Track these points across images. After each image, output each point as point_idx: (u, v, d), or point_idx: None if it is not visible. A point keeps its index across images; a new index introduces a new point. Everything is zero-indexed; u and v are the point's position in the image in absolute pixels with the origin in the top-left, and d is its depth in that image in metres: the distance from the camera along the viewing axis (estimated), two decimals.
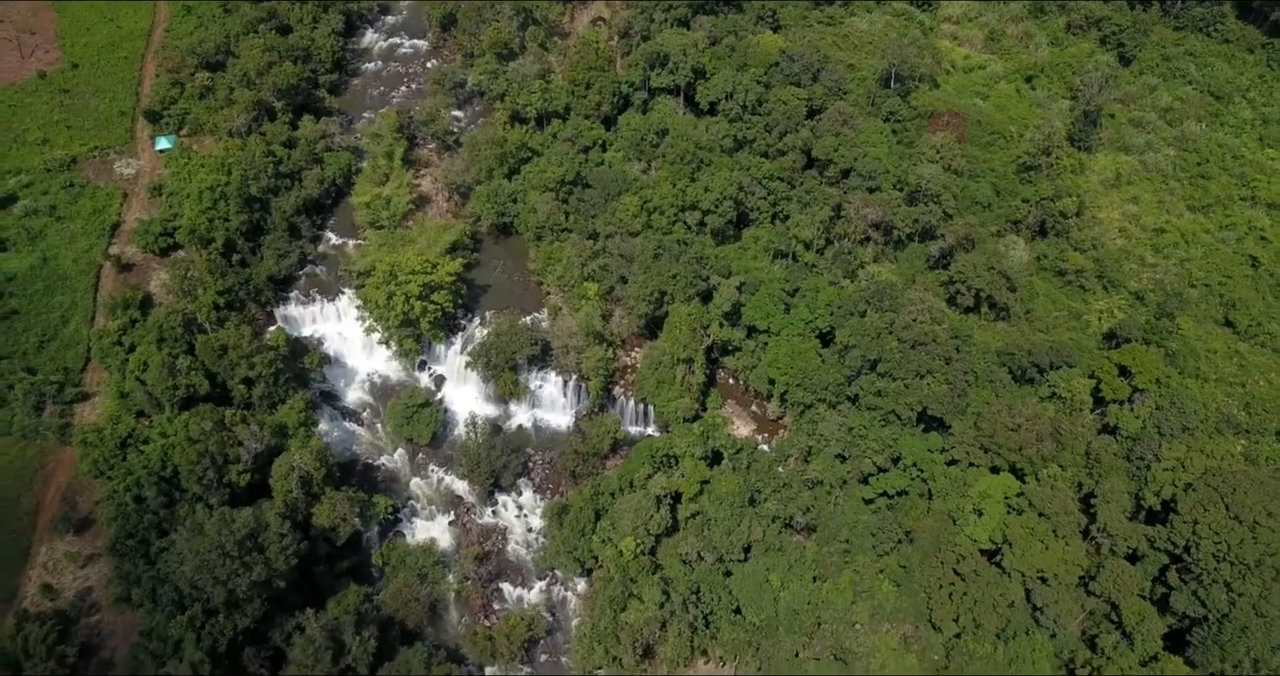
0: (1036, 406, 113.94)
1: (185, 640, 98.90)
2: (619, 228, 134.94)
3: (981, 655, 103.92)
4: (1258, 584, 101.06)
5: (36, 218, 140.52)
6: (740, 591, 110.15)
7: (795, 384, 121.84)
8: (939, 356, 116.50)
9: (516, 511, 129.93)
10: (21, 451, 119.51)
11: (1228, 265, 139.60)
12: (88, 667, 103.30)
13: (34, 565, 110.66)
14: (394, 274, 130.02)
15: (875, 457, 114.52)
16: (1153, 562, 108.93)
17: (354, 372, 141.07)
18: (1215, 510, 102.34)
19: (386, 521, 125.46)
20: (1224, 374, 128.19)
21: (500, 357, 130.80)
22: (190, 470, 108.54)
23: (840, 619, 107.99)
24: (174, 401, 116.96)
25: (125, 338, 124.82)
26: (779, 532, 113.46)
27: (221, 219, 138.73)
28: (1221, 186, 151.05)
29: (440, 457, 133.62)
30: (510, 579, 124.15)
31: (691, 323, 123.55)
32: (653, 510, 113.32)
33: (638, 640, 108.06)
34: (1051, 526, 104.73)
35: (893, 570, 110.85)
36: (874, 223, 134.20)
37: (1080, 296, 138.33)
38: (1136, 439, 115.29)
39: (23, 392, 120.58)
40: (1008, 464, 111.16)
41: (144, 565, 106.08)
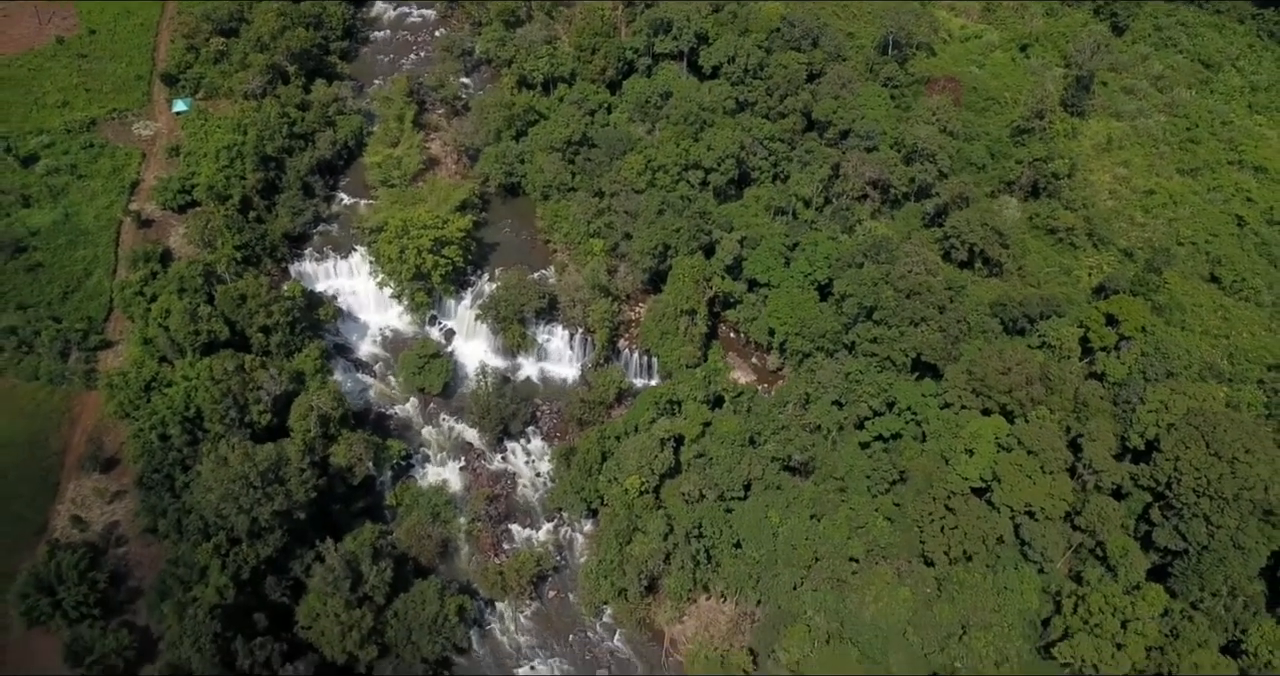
0: (1026, 352, 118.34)
1: (210, 567, 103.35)
2: (624, 186, 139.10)
3: (971, 584, 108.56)
4: (1235, 517, 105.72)
5: (58, 176, 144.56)
6: (740, 527, 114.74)
7: (794, 333, 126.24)
8: (933, 305, 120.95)
9: (525, 457, 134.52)
10: (49, 395, 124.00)
11: (1214, 224, 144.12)
12: (117, 594, 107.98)
13: (63, 500, 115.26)
14: (406, 229, 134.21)
15: (871, 402, 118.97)
16: (1137, 500, 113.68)
17: (366, 327, 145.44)
18: (1196, 447, 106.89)
19: (399, 466, 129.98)
20: (1209, 326, 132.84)
21: (509, 310, 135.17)
22: (213, 409, 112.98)
23: (837, 553, 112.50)
24: (195, 347, 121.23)
25: (147, 288, 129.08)
26: (778, 472, 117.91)
27: (238, 177, 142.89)
28: (1210, 150, 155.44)
29: (451, 407, 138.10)
30: (519, 520, 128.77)
31: (694, 275, 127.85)
32: (657, 450, 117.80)
33: (642, 572, 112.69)
34: (1039, 463, 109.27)
35: (887, 508, 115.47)
36: (871, 181, 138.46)
37: (1071, 253, 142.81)
38: (1122, 384, 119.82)
39: (49, 339, 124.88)
40: (998, 406, 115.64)
41: (170, 498, 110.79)
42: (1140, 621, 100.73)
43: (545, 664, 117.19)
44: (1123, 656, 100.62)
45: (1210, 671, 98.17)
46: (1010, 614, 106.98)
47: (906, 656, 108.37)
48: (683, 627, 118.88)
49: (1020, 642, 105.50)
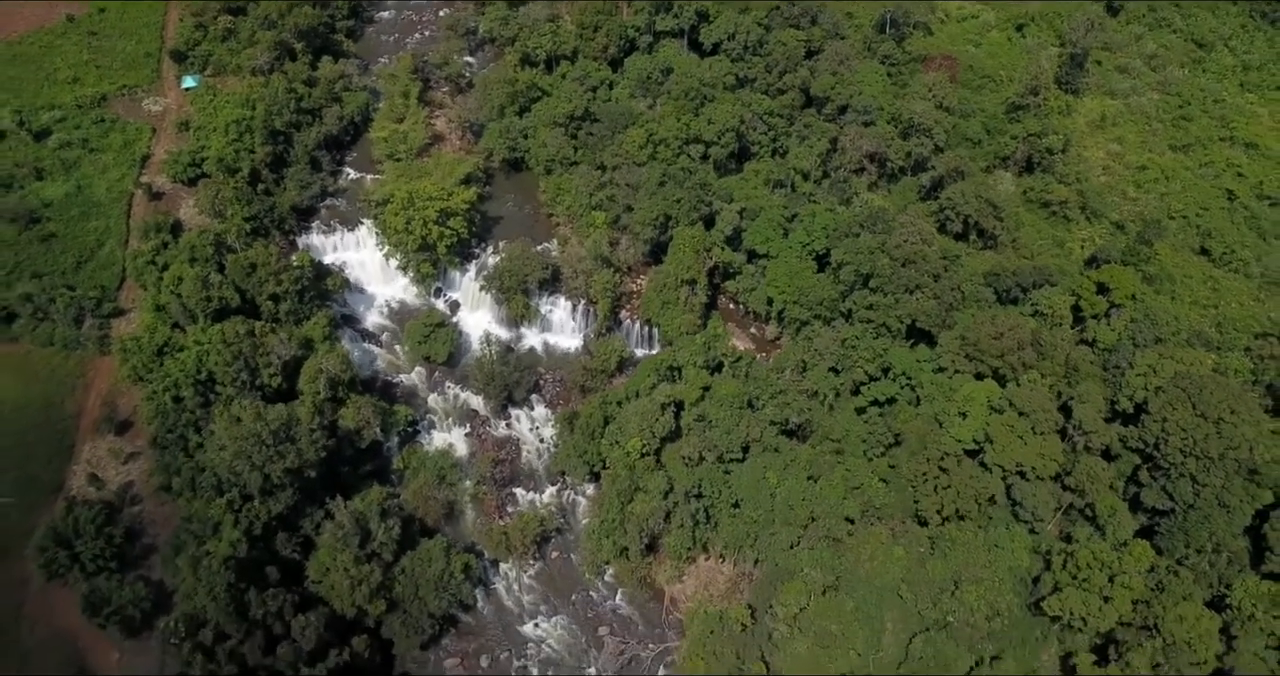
0: (1018, 318, 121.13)
1: (224, 522, 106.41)
2: (626, 159, 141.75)
3: (963, 541, 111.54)
4: (1220, 476, 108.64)
5: (70, 150, 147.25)
6: (739, 487, 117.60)
7: (792, 301, 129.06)
8: (928, 273, 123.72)
9: (529, 424, 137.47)
10: (64, 361, 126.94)
11: (1205, 198, 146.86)
12: (133, 550, 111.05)
13: (78, 461, 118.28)
14: (412, 200, 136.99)
15: (866, 367, 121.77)
16: (1126, 462, 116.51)
17: (373, 298, 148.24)
18: (1183, 408, 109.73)
19: (405, 432, 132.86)
20: (1198, 296, 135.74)
21: (513, 281, 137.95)
22: (225, 371, 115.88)
23: (832, 514, 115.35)
24: (207, 313, 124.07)
25: (158, 257, 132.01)
26: (776, 435, 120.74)
27: (247, 150, 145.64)
28: (1202, 127, 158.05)
29: (456, 376, 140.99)
30: (523, 484, 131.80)
31: (695, 245, 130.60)
32: (658, 414, 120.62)
33: (643, 530, 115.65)
34: (1030, 424, 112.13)
35: (882, 470, 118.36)
36: (868, 154, 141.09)
37: (1064, 226, 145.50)
38: (1112, 350, 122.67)
39: (63, 306, 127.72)
40: (990, 370, 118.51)
41: (183, 457, 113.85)
42: (1127, 575, 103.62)
43: (548, 621, 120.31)
44: (1110, 609, 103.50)
45: (1194, 623, 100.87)
46: (1001, 570, 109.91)
47: (900, 612, 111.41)
48: (682, 587, 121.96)
49: (1011, 597, 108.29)
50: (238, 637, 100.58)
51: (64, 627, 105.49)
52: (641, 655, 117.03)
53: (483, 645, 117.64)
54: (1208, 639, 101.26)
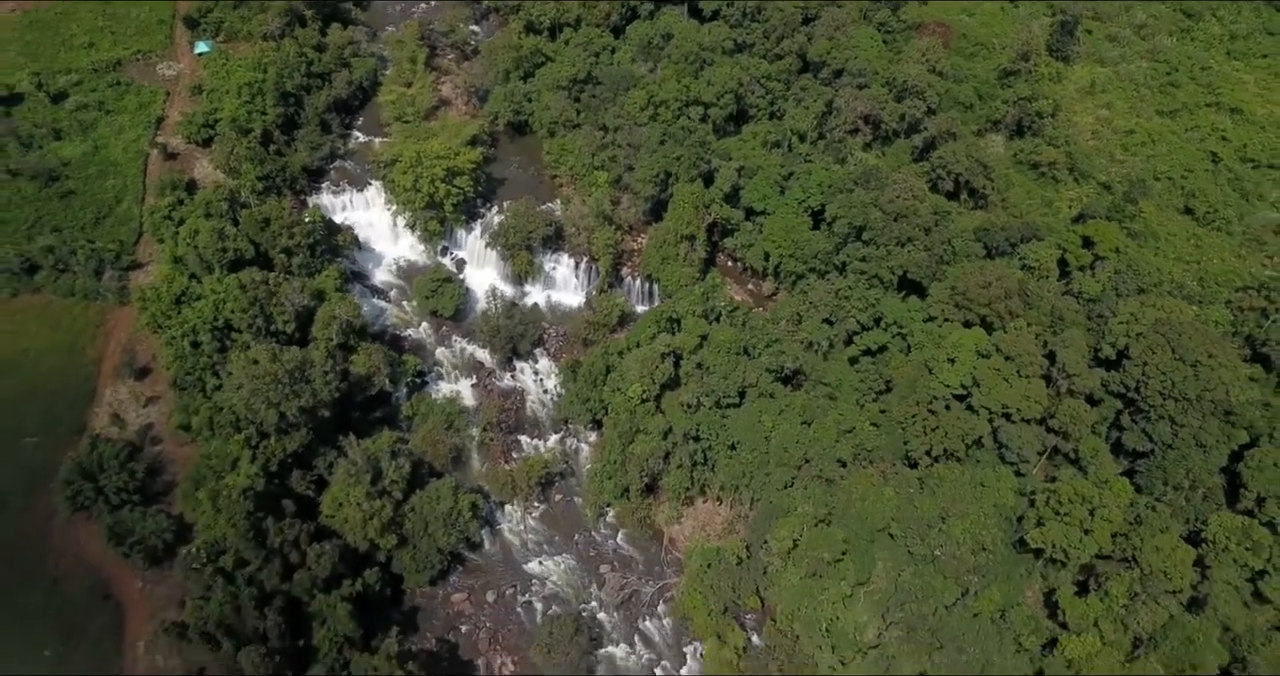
0: (1006, 268, 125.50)
1: (241, 458, 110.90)
2: (627, 120, 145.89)
3: (951, 479, 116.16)
4: (1198, 416, 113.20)
5: (87, 112, 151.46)
6: (736, 430, 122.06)
7: (788, 254, 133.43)
8: (919, 227, 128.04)
9: (533, 376, 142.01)
10: (84, 310, 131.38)
11: (1190, 161, 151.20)
12: (154, 486, 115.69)
13: (100, 404, 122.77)
14: (420, 159, 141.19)
15: (859, 317, 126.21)
16: (1108, 407, 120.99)
17: (381, 257, 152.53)
18: (1162, 352, 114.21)
19: (413, 383, 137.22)
20: (1181, 253, 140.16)
21: (517, 238, 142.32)
22: (241, 317, 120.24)
23: (825, 456, 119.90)
24: (223, 264, 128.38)
25: (175, 213, 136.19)
26: (771, 382, 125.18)
27: (259, 112, 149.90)
28: (1189, 94, 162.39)
29: (462, 330, 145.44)
30: (528, 432, 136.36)
31: (694, 201, 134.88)
32: (658, 362, 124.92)
33: (644, 470, 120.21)
34: (1016, 367, 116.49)
35: (873, 414, 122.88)
36: (863, 115, 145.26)
37: (1053, 187, 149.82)
38: (1096, 300, 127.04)
39: (83, 259, 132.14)
40: (979, 318, 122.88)
41: (201, 398, 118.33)
42: (1107, 508, 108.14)
43: (552, 560, 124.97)
44: (1090, 541, 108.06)
45: (1170, 554, 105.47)
46: (987, 506, 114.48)
47: (890, 551, 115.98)
48: (681, 527, 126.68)
49: (996, 531, 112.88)
50: (256, 564, 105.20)
51: (89, 557, 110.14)
52: (641, 591, 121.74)
53: (489, 581, 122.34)
54: (1183, 568, 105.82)
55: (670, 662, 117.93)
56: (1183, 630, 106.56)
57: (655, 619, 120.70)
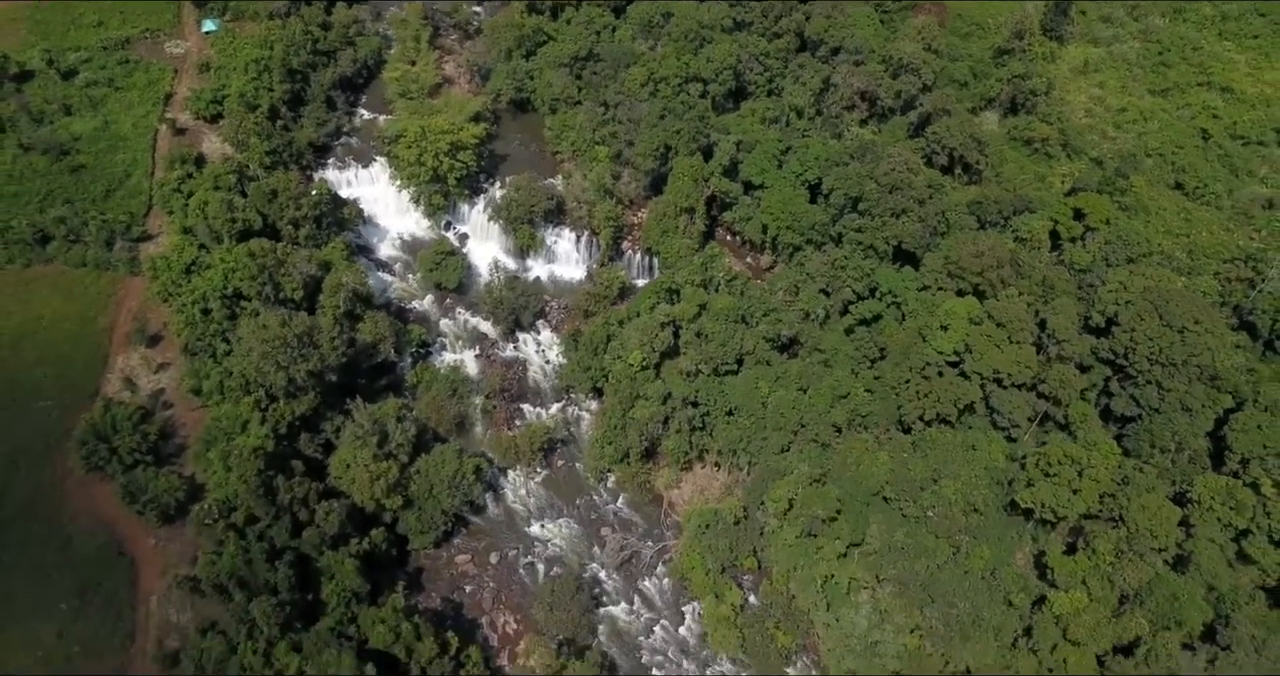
0: (999, 238, 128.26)
1: (251, 419, 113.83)
2: (628, 96, 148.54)
3: (943, 442, 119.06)
4: (1184, 381, 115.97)
5: (97, 88, 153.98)
6: (733, 396, 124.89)
7: (786, 226, 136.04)
8: (914, 198, 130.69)
9: (535, 347, 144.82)
10: (96, 280, 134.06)
11: (1181, 137, 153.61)
12: (166, 448, 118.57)
13: (112, 370, 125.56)
14: (424, 134, 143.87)
15: (854, 286, 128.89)
16: (1097, 373, 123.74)
17: (386, 231, 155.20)
18: (1150, 319, 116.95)
19: (418, 353, 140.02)
20: (1171, 226, 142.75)
21: (519, 211, 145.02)
22: (250, 284, 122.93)
23: (821, 421, 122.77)
24: (232, 234, 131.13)
25: (184, 186, 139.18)
26: (769, 349, 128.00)
27: (266, 89, 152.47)
28: (1180, 74, 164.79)
29: (466, 302, 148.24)
30: (530, 401, 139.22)
31: (694, 174, 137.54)
32: (658, 330, 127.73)
33: (643, 434, 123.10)
34: (1007, 333, 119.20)
35: (867, 381, 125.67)
36: (859, 91, 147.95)
37: (1045, 163, 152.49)
38: (1086, 270, 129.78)
39: (95, 229, 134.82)
40: (971, 287, 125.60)
41: (212, 363, 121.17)
42: (1095, 469, 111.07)
43: (554, 523, 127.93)
44: (1077, 500, 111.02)
45: (1156, 512, 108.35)
46: (978, 468, 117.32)
47: (884, 514, 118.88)
48: (680, 492, 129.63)
49: (987, 492, 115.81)
50: (267, 521, 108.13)
51: (103, 516, 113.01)
52: (641, 552, 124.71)
53: (492, 543, 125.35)
54: (1168, 526, 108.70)
55: (669, 622, 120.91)
56: (1168, 587, 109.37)
57: (654, 579, 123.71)
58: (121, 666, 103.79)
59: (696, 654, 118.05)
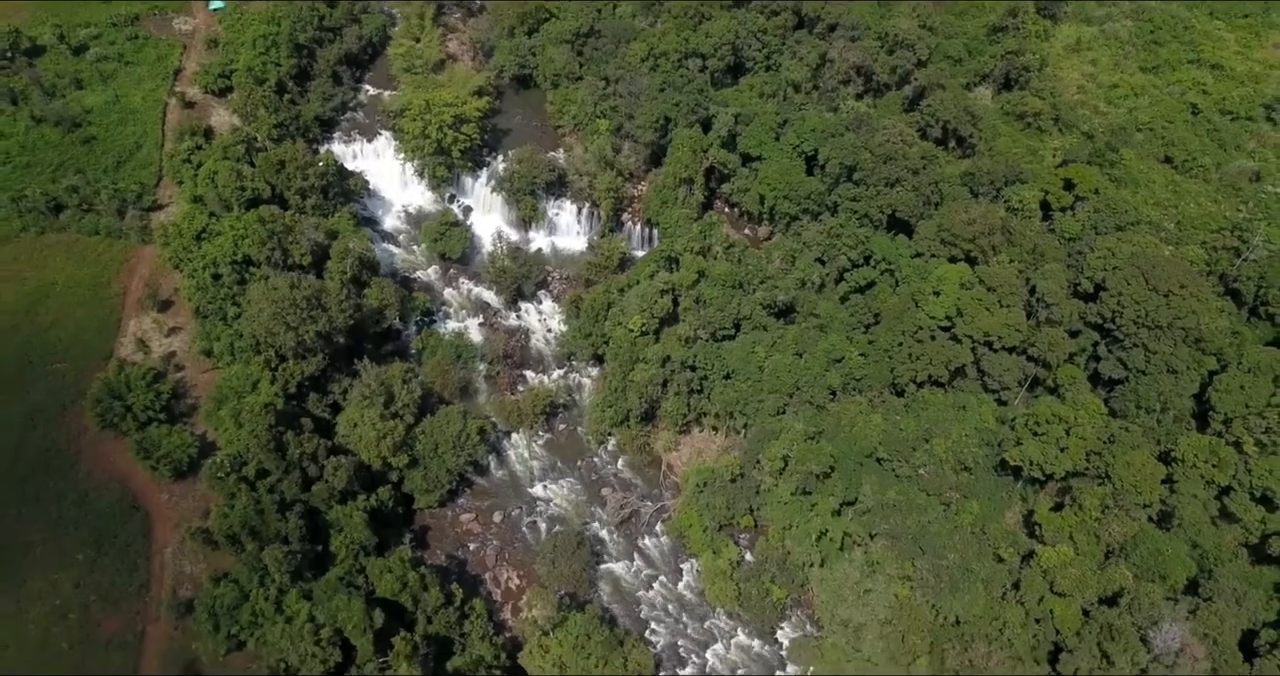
0: (990, 206, 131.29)
1: (261, 379, 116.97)
2: (629, 71, 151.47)
3: (935, 402, 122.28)
4: (1169, 343, 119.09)
5: (107, 63, 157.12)
6: (730, 360, 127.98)
7: (783, 196, 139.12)
8: (907, 169, 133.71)
9: (538, 316, 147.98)
10: (108, 248, 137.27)
11: (1171, 112, 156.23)
12: (178, 407, 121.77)
13: (125, 334, 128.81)
14: (429, 107, 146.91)
15: (849, 253, 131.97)
16: (1086, 339, 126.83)
17: (390, 204, 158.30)
18: (1137, 283, 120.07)
19: (422, 322, 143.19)
20: (1160, 198, 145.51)
21: (522, 182, 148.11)
22: (259, 250, 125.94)
23: (816, 383, 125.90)
24: (241, 202, 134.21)
25: (194, 157, 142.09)
26: (765, 315, 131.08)
27: (274, 63, 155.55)
28: (1171, 52, 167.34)
29: (469, 273, 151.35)
30: (532, 368, 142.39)
31: (693, 145, 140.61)
32: (657, 297, 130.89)
33: (643, 396, 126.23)
34: (998, 298, 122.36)
35: (862, 345, 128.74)
36: (855, 66, 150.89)
37: (1038, 137, 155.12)
38: (1076, 239, 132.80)
39: (107, 198, 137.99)
40: (963, 253, 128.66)
41: (223, 326, 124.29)
42: (1082, 427, 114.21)
43: (556, 484, 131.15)
44: (1064, 457, 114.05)
45: (1140, 468, 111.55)
46: (968, 427, 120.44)
47: (878, 475, 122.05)
48: (678, 454, 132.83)
49: (977, 451, 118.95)
50: (277, 475, 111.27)
51: (117, 472, 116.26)
52: (641, 511, 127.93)
53: (495, 503, 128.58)
54: (1153, 482, 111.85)
55: (668, 578, 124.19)
56: (1152, 543, 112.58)
57: (654, 537, 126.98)
58: (137, 614, 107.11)
59: (694, 608, 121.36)
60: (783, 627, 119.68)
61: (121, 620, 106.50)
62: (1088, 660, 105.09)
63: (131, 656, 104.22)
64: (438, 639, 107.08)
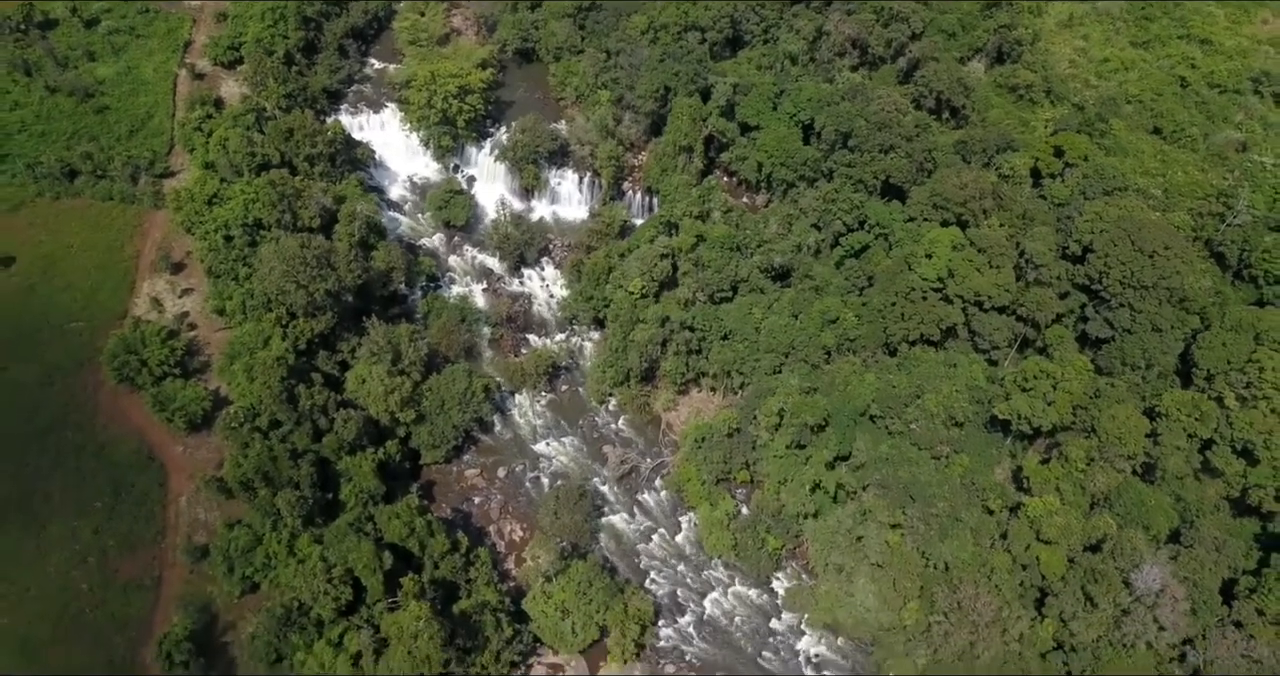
0: (982, 172, 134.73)
1: (273, 335, 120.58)
2: (629, 43, 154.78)
3: (926, 360, 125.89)
4: (1154, 302, 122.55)
5: (119, 36, 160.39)
6: (728, 321, 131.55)
7: (780, 163, 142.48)
8: (901, 136, 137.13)
9: (540, 282, 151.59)
10: (122, 212, 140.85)
11: (1160, 85, 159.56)
12: (191, 364, 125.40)
13: (139, 294, 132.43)
14: (434, 78, 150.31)
15: (844, 218, 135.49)
16: (1074, 300, 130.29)
17: (396, 174, 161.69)
18: (1123, 244, 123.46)
19: (427, 287, 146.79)
20: (1148, 167, 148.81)
21: (525, 151, 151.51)
22: (270, 212, 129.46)
23: (811, 343, 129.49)
24: (251, 168, 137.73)
25: (204, 125, 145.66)
26: (763, 278, 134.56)
27: (282, 36, 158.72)
28: (1162, 27, 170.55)
29: (473, 240, 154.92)
30: (535, 332, 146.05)
31: (692, 113, 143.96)
32: (657, 260, 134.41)
33: (643, 355, 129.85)
34: (988, 258, 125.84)
35: (856, 307, 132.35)
36: (851, 38, 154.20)
37: (1029, 108, 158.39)
38: (1065, 204, 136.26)
39: (120, 165, 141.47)
40: (955, 217, 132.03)
41: (234, 285, 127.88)
42: (1068, 381, 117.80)
43: (558, 441, 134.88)
44: (1051, 411, 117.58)
45: (1124, 421, 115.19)
46: (959, 383, 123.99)
47: (871, 433, 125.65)
48: (677, 413, 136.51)
49: (967, 406, 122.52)
50: (289, 426, 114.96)
51: (134, 424, 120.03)
52: (640, 466, 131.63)
53: (500, 459, 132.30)
54: (1137, 434, 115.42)
55: (666, 530, 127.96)
56: (1136, 493, 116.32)
57: (653, 493, 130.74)
58: (154, 558, 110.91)
59: (692, 559, 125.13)
60: (778, 577, 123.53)
61: (139, 564, 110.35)
62: (1072, 602, 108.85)
63: (149, 597, 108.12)
64: (444, 583, 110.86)
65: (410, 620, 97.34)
